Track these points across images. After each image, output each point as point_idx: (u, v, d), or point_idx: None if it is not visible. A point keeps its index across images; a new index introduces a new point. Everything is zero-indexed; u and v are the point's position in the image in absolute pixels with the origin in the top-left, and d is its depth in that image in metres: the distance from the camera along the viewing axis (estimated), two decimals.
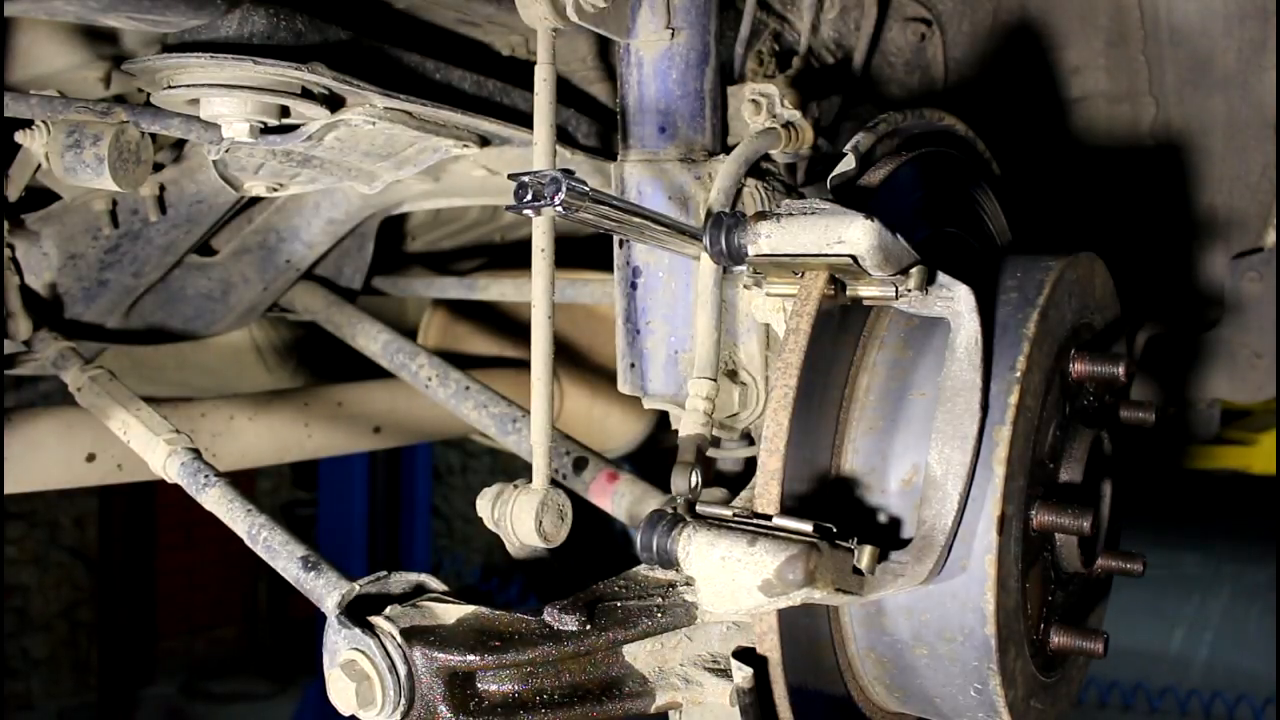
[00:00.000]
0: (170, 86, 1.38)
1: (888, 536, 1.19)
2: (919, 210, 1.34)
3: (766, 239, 1.15)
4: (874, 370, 1.25)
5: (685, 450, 1.20)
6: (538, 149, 1.24)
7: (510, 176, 0.99)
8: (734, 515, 1.12)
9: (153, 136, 1.55)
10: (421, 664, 1.11)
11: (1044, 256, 1.31)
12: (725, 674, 1.16)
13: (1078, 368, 1.31)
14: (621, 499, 1.55)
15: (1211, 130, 1.82)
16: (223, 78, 1.34)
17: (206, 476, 1.46)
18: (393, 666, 1.11)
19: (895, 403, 1.23)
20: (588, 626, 1.14)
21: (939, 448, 1.16)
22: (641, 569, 1.24)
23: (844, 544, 1.08)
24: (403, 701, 1.10)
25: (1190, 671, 7.80)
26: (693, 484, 1.16)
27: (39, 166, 1.62)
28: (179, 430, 1.56)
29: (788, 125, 1.38)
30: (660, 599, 1.18)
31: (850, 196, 1.26)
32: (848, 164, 1.30)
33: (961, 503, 1.15)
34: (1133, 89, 1.78)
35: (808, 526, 1.07)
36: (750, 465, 1.54)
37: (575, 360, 2.69)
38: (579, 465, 1.59)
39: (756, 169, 1.38)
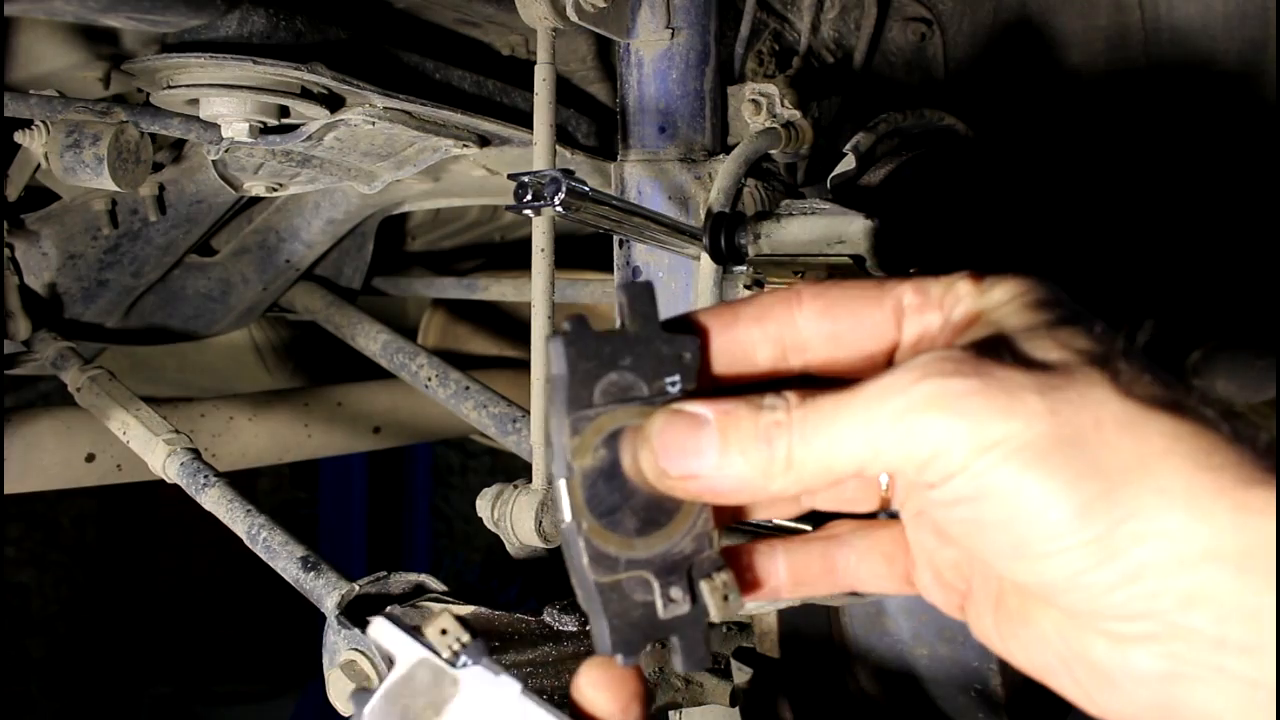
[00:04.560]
0: (170, 86, 1.38)
1: None
2: (919, 210, 1.34)
3: (766, 239, 1.15)
4: None
5: None
6: (537, 149, 1.24)
7: (510, 176, 0.99)
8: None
9: (152, 136, 1.55)
10: None
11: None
12: (725, 674, 1.16)
13: None
14: None
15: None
16: (222, 77, 1.34)
17: (206, 477, 1.46)
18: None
19: None
20: (587, 627, 1.14)
21: None
22: None
23: None
24: None
25: None
26: None
27: (38, 166, 1.62)
28: (178, 430, 1.56)
29: (788, 125, 1.38)
30: None
31: (850, 196, 1.26)
32: (848, 164, 1.30)
33: None
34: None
35: (808, 527, 1.07)
36: None
37: None
38: None
39: (756, 169, 1.38)
